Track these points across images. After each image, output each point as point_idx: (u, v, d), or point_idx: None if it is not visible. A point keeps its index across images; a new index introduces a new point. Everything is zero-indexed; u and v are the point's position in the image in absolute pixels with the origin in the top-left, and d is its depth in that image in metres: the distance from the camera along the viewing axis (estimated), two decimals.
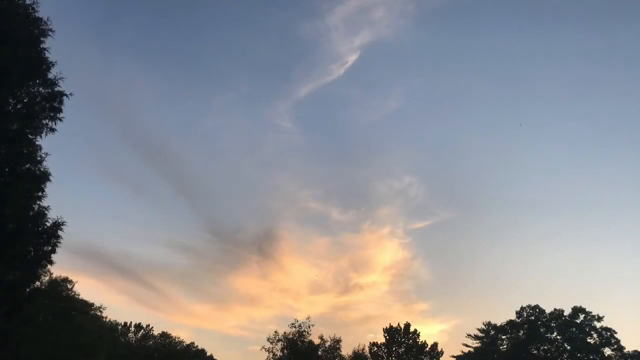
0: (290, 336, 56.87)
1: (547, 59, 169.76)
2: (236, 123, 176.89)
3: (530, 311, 66.20)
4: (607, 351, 61.73)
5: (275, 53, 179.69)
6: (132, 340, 79.80)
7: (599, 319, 62.73)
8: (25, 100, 21.20)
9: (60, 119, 21.49)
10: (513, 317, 66.93)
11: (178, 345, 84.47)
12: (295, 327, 57.17)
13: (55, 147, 22.19)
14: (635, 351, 65.47)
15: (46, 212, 20.95)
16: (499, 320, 68.18)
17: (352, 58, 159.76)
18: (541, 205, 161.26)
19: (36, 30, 21.33)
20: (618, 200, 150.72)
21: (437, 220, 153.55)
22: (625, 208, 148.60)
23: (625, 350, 62.42)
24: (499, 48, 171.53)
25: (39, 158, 20.79)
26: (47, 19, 21.30)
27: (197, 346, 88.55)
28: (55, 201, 21.63)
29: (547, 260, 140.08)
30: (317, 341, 57.86)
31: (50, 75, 21.42)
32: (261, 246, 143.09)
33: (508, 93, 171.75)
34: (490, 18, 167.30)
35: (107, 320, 65.43)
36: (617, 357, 61.91)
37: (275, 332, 57.62)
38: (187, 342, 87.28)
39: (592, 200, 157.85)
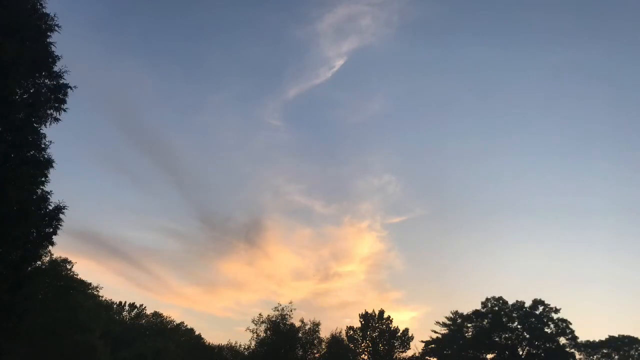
0: (274, 319, 57.31)
1: (520, 72, 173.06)
2: (229, 120, 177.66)
3: (494, 302, 67.14)
4: (562, 340, 63.09)
5: (268, 55, 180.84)
6: (126, 319, 79.90)
7: (556, 310, 64.03)
8: (31, 91, 21.01)
9: (65, 110, 21.36)
10: (478, 307, 67.79)
11: (169, 324, 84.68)
12: (278, 310, 57.72)
13: (58, 137, 22.20)
14: (588, 341, 67.71)
15: (49, 196, 20.90)
16: (466, 309, 68.95)
17: (339, 62, 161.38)
18: (508, 207, 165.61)
19: (43, 25, 21.12)
20: (577, 205, 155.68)
21: (412, 216, 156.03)
22: (583, 212, 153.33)
23: (578, 340, 64.20)
24: (476, 61, 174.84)
25: (43, 145, 20.64)
26: (54, 15, 21.18)
27: (186, 325, 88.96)
28: (58, 187, 21.61)
29: (511, 256, 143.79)
30: (298, 324, 58.30)
31: (56, 69, 21.23)
32: (248, 235, 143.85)
33: (483, 102, 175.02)
34: (467, 32, 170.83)
35: (103, 299, 65.42)
36: (571, 346, 63.62)
37: (260, 314, 58.16)
38: (177, 321, 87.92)
39: (555, 203, 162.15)
